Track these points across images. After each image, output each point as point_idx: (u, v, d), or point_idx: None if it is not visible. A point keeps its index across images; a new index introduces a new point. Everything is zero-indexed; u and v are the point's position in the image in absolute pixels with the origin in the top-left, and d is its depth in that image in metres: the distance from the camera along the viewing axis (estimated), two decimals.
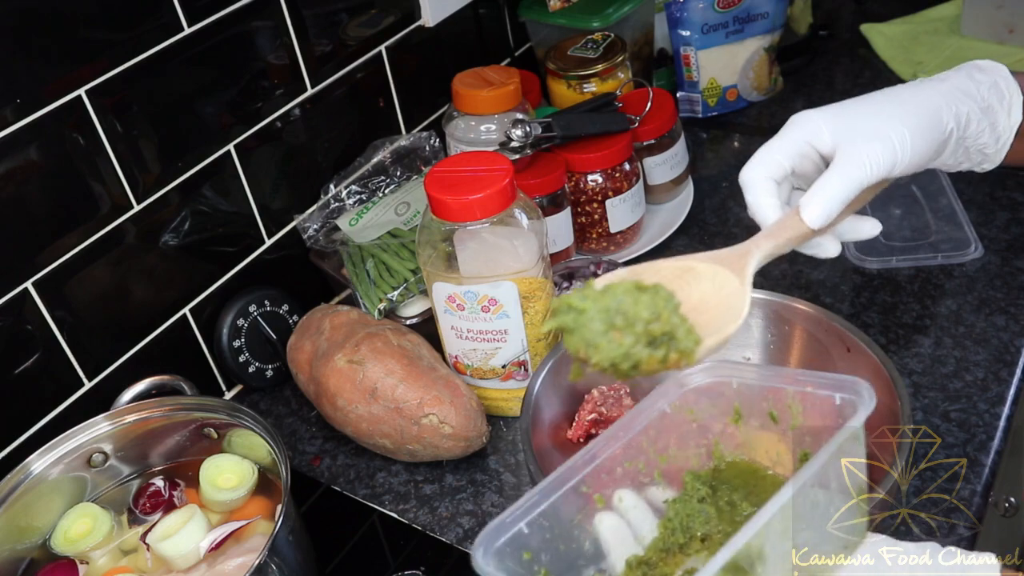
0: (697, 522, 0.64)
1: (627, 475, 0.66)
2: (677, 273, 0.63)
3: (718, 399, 0.68)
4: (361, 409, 0.90)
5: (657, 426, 0.67)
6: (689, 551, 0.64)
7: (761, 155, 0.68)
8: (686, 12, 1.34)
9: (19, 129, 0.82)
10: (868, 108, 0.67)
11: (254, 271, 1.07)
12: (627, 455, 0.66)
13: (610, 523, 0.64)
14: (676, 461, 0.68)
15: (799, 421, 0.65)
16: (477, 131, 1.14)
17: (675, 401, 0.68)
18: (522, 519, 0.61)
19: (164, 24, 0.92)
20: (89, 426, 0.85)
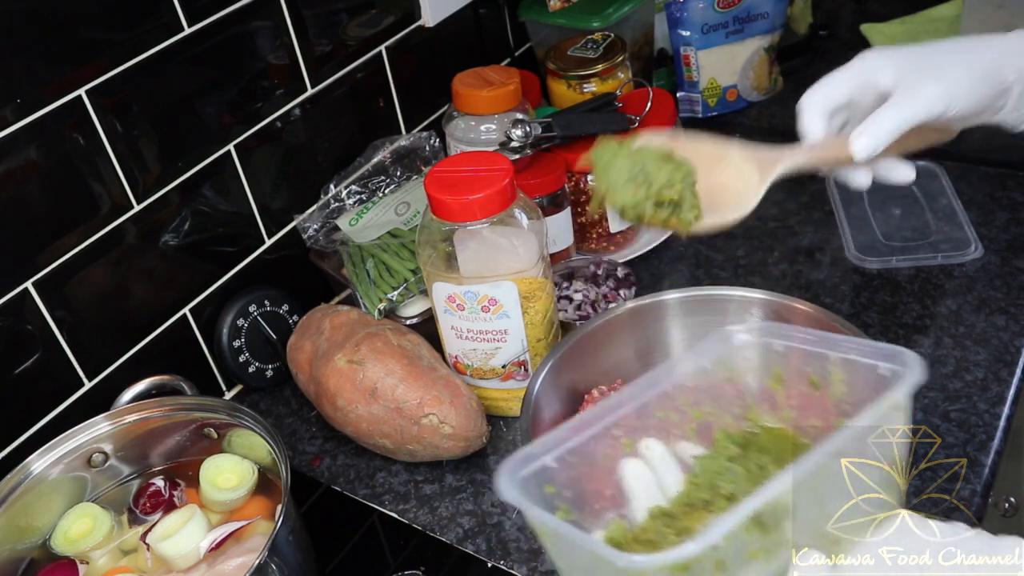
0: (724, 480, 0.63)
1: (659, 425, 0.66)
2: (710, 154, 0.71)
3: (759, 360, 0.67)
4: (361, 409, 0.90)
5: (695, 380, 0.67)
6: (713, 508, 0.63)
7: (822, 82, 0.73)
8: (686, 12, 1.34)
9: (19, 129, 0.82)
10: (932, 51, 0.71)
11: (254, 271, 1.07)
12: (661, 404, 0.66)
13: (636, 470, 0.63)
14: (710, 418, 0.68)
15: (840, 389, 0.64)
16: (477, 131, 1.14)
17: (716, 357, 0.67)
18: (550, 452, 0.60)
19: (164, 24, 0.92)
20: (89, 426, 0.85)
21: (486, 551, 0.85)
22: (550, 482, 0.61)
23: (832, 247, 1.12)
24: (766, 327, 0.67)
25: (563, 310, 1.03)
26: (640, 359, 0.89)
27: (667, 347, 0.89)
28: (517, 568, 0.83)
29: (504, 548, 0.85)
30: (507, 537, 0.86)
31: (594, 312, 1.02)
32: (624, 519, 0.63)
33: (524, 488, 0.59)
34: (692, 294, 0.88)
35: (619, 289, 1.04)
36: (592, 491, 0.63)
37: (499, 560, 0.84)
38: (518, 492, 0.57)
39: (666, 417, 0.66)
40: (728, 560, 0.53)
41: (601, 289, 1.04)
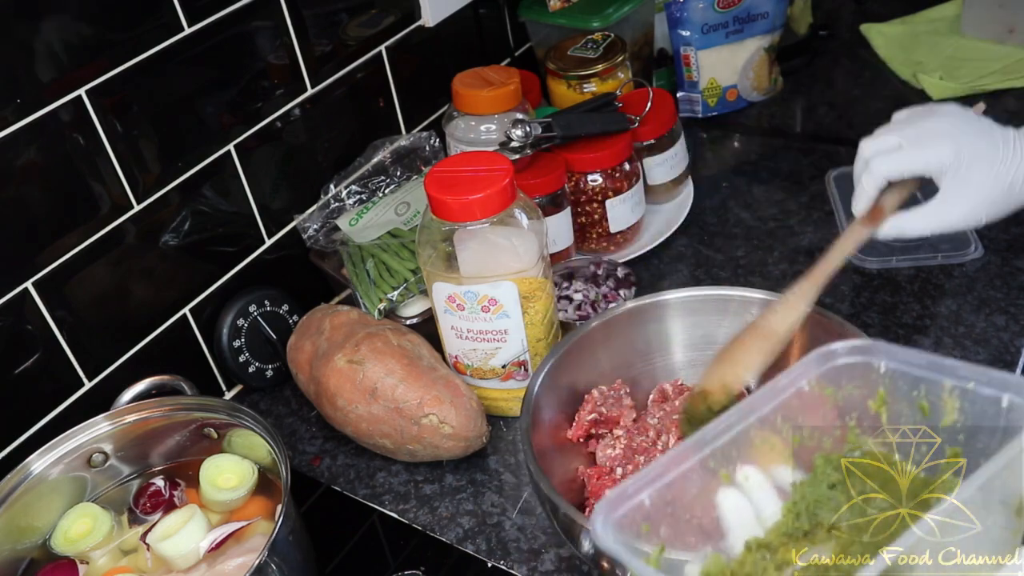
0: (825, 509, 0.61)
1: (756, 451, 0.63)
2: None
3: (862, 381, 0.65)
4: (361, 409, 0.90)
5: (793, 402, 0.64)
6: (814, 540, 0.60)
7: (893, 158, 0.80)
8: (686, 12, 1.34)
9: (19, 129, 0.82)
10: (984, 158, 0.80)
11: (254, 271, 1.07)
12: (760, 429, 0.63)
13: (733, 501, 0.61)
14: (808, 442, 0.65)
15: (954, 418, 0.61)
16: (477, 131, 1.14)
17: (815, 377, 0.65)
18: (645, 490, 0.58)
19: (164, 24, 0.92)
20: (89, 426, 0.85)
21: (486, 551, 0.85)
22: (646, 520, 0.59)
23: None
24: (873, 346, 0.64)
25: (563, 310, 1.03)
26: (640, 359, 0.89)
27: (667, 347, 0.89)
28: (517, 568, 0.83)
29: (504, 548, 0.85)
30: (507, 537, 0.86)
31: (594, 312, 1.02)
32: (722, 552, 0.61)
33: (619, 531, 0.56)
34: (692, 294, 0.88)
35: (619, 289, 1.04)
36: (688, 526, 0.61)
37: (499, 560, 0.84)
38: (612, 538, 0.55)
39: (764, 442, 0.64)
40: None
41: (601, 289, 1.04)
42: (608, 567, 0.71)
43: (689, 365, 0.90)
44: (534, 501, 0.89)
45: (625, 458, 0.81)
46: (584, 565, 0.82)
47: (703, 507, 0.62)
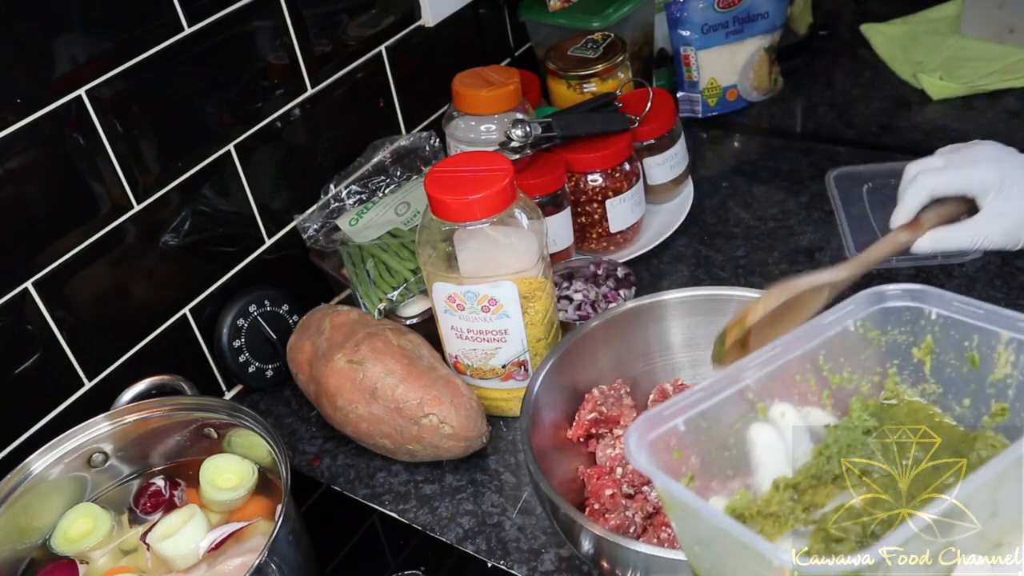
0: (857, 455, 0.60)
1: (795, 389, 0.62)
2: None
3: (910, 327, 0.62)
4: (361, 409, 0.90)
5: (837, 342, 0.62)
6: (844, 484, 0.59)
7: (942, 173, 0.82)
8: (686, 12, 1.34)
9: (19, 129, 0.82)
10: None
11: (254, 271, 1.07)
12: (801, 366, 0.62)
13: (766, 438, 0.60)
14: (848, 384, 0.64)
15: (1006, 372, 0.58)
16: (477, 131, 1.14)
17: (862, 318, 0.63)
18: (680, 415, 0.57)
19: (164, 24, 0.92)
20: (89, 426, 0.85)
21: (486, 551, 0.85)
22: (678, 447, 0.57)
23: (832, 247, 1.12)
24: (926, 291, 0.62)
25: (563, 310, 1.03)
26: (640, 359, 0.89)
27: (667, 347, 0.89)
28: (517, 568, 0.83)
29: (504, 548, 0.85)
30: (507, 537, 0.86)
31: (594, 312, 1.02)
32: (749, 489, 0.60)
33: (652, 452, 0.55)
34: (692, 294, 0.88)
35: (619, 289, 1.04)
36: (719, 458, 0.60)
37: (499, 560, 0.84)
38: (646, 459, 0.54)
39: (803, 381, 0.62)
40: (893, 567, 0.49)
41: (601, 289, 1.04)
42: (608, 567, 0.71)
43: (689, 365, 0.90)
44: (534, 501, 0.89)
45: (625, 458, 0.81)
46: (584, 565, 0.82)
47: (736, 440, 0.60)
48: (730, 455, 0.60)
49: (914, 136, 1.29)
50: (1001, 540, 0.53)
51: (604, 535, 0.68)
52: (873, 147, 1.28)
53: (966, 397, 0.61)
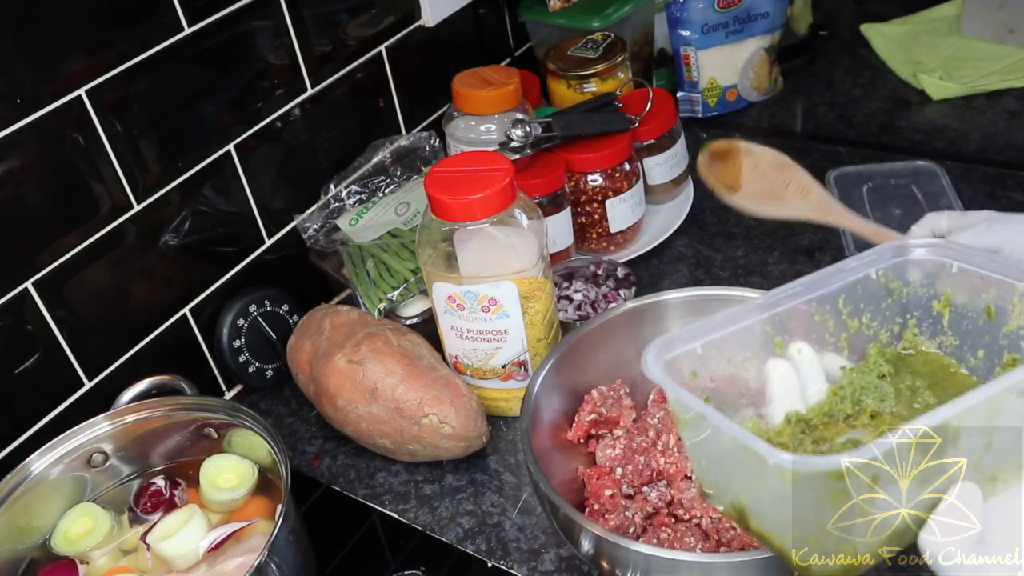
0: (871, 397, 0.61)
1: (813, 329, 0.63)
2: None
3: (931, 279, 0.63)
4: (361, 409, 0.90)
5: (858, 288, 0.64)
6: (854, 423, 0.60)
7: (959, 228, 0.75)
8: (686, 12, 1.34)
9: (19, 129, 0.82)
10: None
11: (254, 271, 1.07)
12: (820, 308, 0.63)
13: (782, 372, 0.61)
14: (866, 331, 0.65)
15: (1019, 323, 0.59)
16: (477, 131, 1.14)
17: (885, 268, 0.64)
18: (699, 339, 0.59)
19: (164, 24, 0.92)
20: (89, 426, 0.85)
21: (486, 551, 0.85)
22: (694, 368, 0.59)
23: (832, 247, 1.12)
24: (947, 245, 0.63)
25: (563, 310, 1.03)
26: (640, 359, 0.89)
27: None
28: (517, 568, 0.83)
29: (504, 548, 0.85)
30: (507, 537, 0.86)
31: (594, 312, 1.02)
32: (762, 419, 0.61)
33: (669, 370, 0.57)
34: (692, 294, 0.88)
35: (619, 289, 1.04)
36: (734, 385, 0.61)
37: (499, 560, 0.84)
38: (662, 369, 0.56)
39: (822, 322, 0.63)
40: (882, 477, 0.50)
41: (601, 289, 1.04)
42: (608, 567, 0.71)
43: None
44: (534, 501, 0.89)
45: (625, 458, 0.81)
46: (584, 565, 0.82)
47: (751, 370, 0.61)
48: (745, 384, 0.61)
49: (914, 136, 1.29)
50: (996, 475, 0.53)
51: (604, 535, 0.68)
52: (873, 147, 1.28)
53: (980, 349, 0.62)
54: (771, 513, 0.54)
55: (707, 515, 0.75)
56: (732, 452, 0.54)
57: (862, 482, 0.49)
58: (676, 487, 0.77)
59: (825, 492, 0.49)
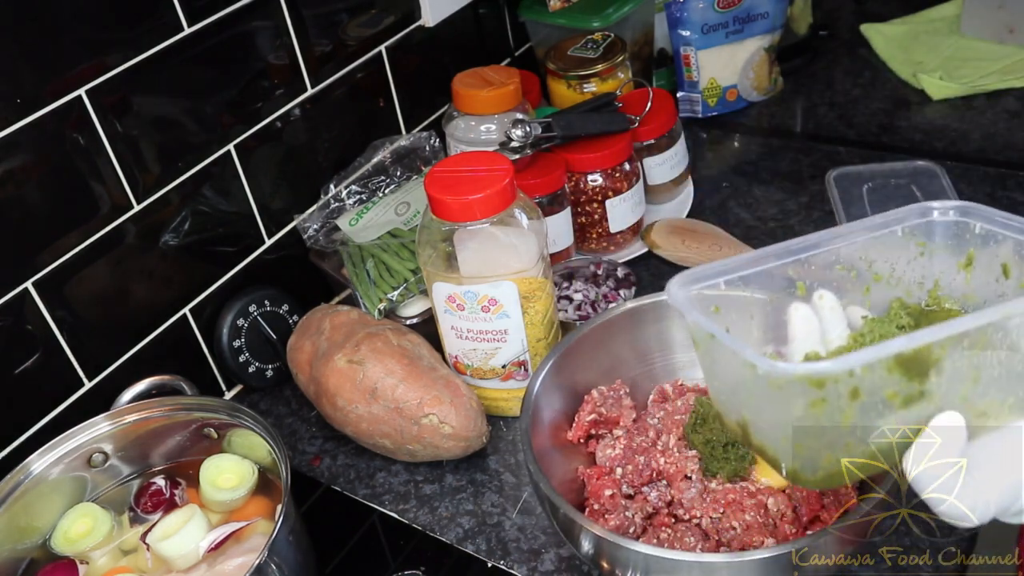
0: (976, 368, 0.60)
1: (836, 278, 0.65)
2: None
3: (956, 240, 0.64)
4: (361, 409, 0.90)
5: (884, 244, 0.65)
6: None
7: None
8: (686, 12, 1.34)
9: (19, 129, 0.82)
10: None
11: (254, 271, 1.07)
12: (846, 258, 0.65)
13: (804, 314, 0.62)
14: (889, 285, 0.66)
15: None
16: (477, 131, 1.14)
17: (910, 226, 0.65)
18: (723, 275, 0.61)
19: (164, 24, 0.92)
20: (89, 426, 0.85)
21: (486, 551, 0.85)
22: (717, 303, 0.62)
23: None
24: (972, 207, 0.64)
25: (563, 310, 1.03)
26: (640, 359, 0.89)
27: (667, 347, 0.89)
28: (517, 568, 0.83)
29: (504, 548, 0.85)
30: (507, 537, 0.86)
31: (594, 312, 1.02)
32: (781, 356, 0.62)
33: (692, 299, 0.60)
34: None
35: (619, 289, 1.04)
36: (754, 322, 0.63)
37: (499, 560, 0.84)
38: (684, 296, 0.59)
39: (846, 273, 0.65)
40: (863, 392, 0.53)
41: (601, 289, 1.04)
42: (608, 567, 0.71)
43: (689, 365, 0.90)
44: (534, 501, 0.89)
45: (625, 458, 0.81)
46: (584, 565, 0.82)
47: (773, 311, 0.63)
48: (765, 321, 0.63)
49: (914, 136, 1.29)
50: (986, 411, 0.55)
51: (604, 535, 0.68)
52: (873, 147, 1.28)
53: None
54: (765, 425, 0.57)
55: (707, 515, 0.75)
56: (736, 369, 0.57)
57: (841, 394, 0.52)
58: (676, 487, 0.77)
59: (806, 401, 0.52)
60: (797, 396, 0.53)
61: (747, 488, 0.75)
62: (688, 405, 0.83)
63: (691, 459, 0.78)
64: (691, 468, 0.78)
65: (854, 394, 0.53)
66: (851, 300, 0.65)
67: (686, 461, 0.78)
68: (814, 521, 0.74)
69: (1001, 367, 0.55)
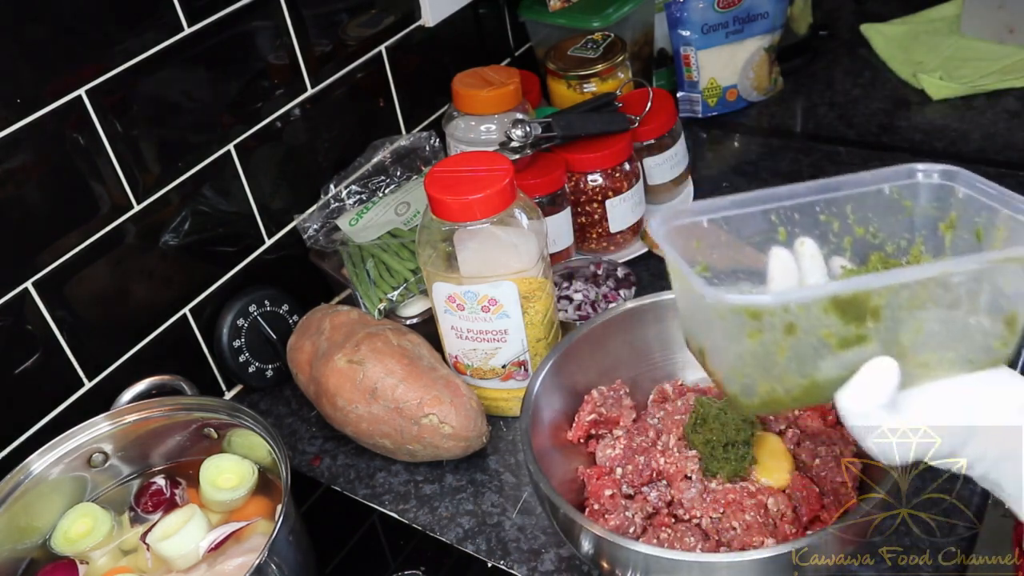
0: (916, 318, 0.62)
1: (819, 228, 0.66)
2: None
3: (940, 203, 0.65)
4: (361, 409, 0.90)
5: (869, 200, 0.66)
6: None
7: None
8: (686, 12, 1.34)
9: (19, 129, 0.82)
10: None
11: (254, 271, 1.07)
12: (829, 208, 0.65)
13: (783, 259, 0.63)
14: (871, 240, 0.67)
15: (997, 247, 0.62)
16: (477, 131, 1.14)
17: (898, 186, 0.66)
18: (705, 214, 0.63)
19: (164, 24, 0.92)
20: (89, 426, 0.85)
21: (486, 551, 0.85)
22: (700, 239, 0.63)
23: None
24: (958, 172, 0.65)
25: (563, 310, 1.03)
26: (640, 359, 0.89)
27: (667, 347, 0.89)
28: (517, 568, 0.83)
29: (504, 548, 0.85)
30: (507, 537, 0.86)
31: (594, 312, 1.02)
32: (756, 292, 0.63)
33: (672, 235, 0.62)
34: None
35: (619, 289, 1.04)
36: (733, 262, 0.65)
37: (499, 560, 0.84)
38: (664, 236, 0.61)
39: (828, 223, 0.66)
40: (799, 328, 0.56)
41: (601, 289, 1.04)
42: (608, 567, 0.71)
43: (689, 365, 0.90)
44: (534, 501, 0.89)
45: (625, 458, 0.81)
46: (584, 565, 0.82)
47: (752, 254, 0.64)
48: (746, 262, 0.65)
49: (914, 136, 1.29)
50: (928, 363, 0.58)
51: (604, 535, 0.68)
52: (873, 147, 1.28)
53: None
54: (715, 351, 0.61)
55: (707, 515, 0.75)
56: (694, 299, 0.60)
57: (777, 327, 0.56)
58: (676, 487, 0.77)
59: (744, 330, 0.56)
60: (738, 326, 0.56)
61: (747, 488, 0.75)
62: (688, 405, 0.83)
63: (691, 459, 0.78)
64: (691, 468, 0.78)
65: (789, 329, 0.56)
66: (833, 251, 0.66)
67: (686, 461, 0.78)
68: (814, 521, 0.74)
69: (942, 324, 0.57)
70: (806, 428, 0.81)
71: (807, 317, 0.56)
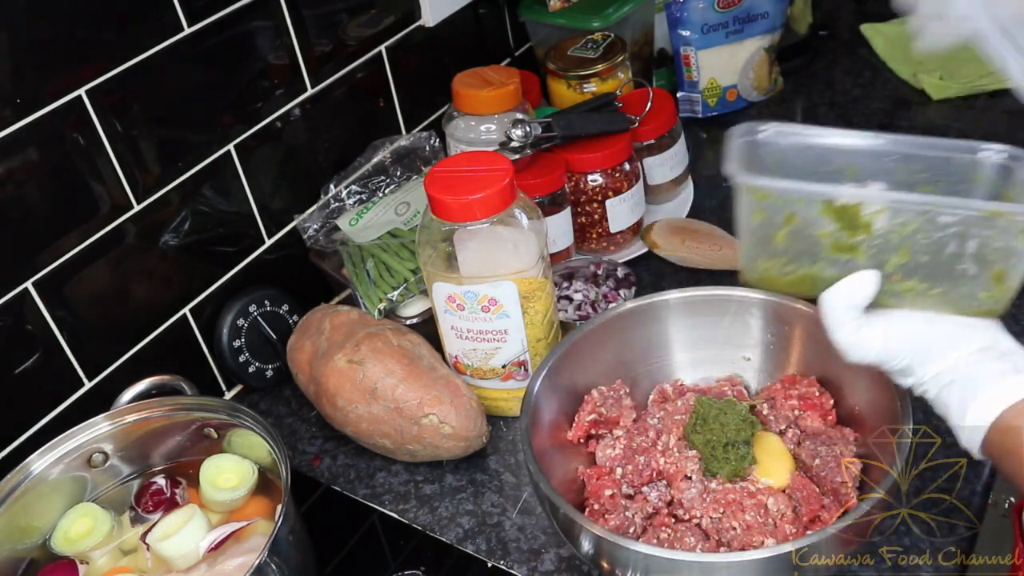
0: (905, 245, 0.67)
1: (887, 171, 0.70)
2: None
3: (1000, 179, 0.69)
4: (361, 409, 0.90)
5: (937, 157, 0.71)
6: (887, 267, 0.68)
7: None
8: (686, 12, 1.34)
9: (19, 129, 0.82)
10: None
11: (254, 271, 1.07)
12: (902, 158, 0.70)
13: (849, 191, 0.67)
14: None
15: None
16: (477, 131, 1.14)
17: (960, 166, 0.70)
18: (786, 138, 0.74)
19: (164, 24, 0.92)
20: (89, 426, 0.85)
21: (486, 551, 0.85)
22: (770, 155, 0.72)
23: None
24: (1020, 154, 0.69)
25: (563, 310, 1.03)
26: (640, 359, 0.89)
27: (667, 347, 0.89)
28: (517, 568, 0.83)
29: (504, 548, 0.85)
30: (507, 537, 0.86)
31: (594, 312, 1.02)
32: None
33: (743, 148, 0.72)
34: (692, 294, 0.88)
35: (619, 289, 1.04)
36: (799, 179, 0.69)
37: (499, 560, 0.84)
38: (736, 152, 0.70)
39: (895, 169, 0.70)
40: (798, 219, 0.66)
41: (601, 289, 1.04)
42: (608, 567, 0.71)
43: (689, 365, 0.90)
44: (534, 501, 0.89)
45: (625, 458, 0.81)
46: (584, 565, 0.82)
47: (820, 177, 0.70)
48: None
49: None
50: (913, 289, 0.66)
51: (604, 535, 0.68)
52: None
53: None
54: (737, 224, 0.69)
55: (707, 515, 0.75)
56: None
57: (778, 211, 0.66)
58: (676, 487, 0.77)
59: (752, 210, 0.67)
60: (748, 205, 0.67)
61: (747, 488, 0.75)
62: (688, 405, 0.83)
63: (691, 459, 0.78)
64: (691, 468, 0.78)
65: (789, 219, 0.66)
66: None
67: (686, 461, 0.78)
68: (814, 521, 0.74)
69: (931, 257, 0.64)
70: (806, 428, 0.81)
71: (805, 212, 0.65)
